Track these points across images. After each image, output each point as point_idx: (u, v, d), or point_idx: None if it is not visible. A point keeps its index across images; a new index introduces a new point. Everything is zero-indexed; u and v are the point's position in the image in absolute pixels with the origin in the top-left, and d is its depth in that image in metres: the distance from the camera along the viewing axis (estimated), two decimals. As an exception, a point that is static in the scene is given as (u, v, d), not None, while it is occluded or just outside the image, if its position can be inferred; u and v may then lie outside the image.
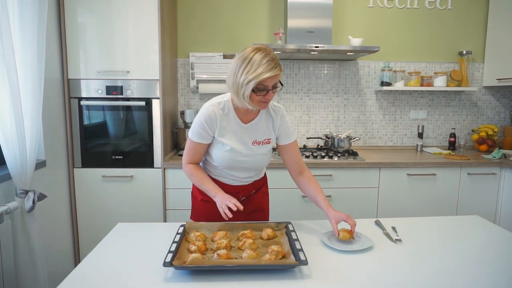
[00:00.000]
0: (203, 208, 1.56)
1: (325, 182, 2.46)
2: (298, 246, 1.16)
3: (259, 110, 1.47)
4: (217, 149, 1.45)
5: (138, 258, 1.18)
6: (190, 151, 1.48)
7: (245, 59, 1.28)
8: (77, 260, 2.47)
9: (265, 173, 1.67)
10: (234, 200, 1.34)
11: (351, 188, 2.49)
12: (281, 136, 1.52)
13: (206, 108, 1.41)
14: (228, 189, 1.51)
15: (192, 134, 1.44)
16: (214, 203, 1.51)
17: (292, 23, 2.65)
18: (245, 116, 1.45)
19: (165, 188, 2.44)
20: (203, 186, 1.46)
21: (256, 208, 1.60)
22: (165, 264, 1.05)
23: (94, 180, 2.41)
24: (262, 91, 1.30)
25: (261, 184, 1.64)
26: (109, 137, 2.43)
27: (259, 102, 1.33)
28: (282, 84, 1.35)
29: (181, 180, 2.43)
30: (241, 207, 1.32)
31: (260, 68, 1.25)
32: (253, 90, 1.28)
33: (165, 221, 2.46)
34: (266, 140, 1.48)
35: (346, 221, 1.33)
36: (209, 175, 1.54)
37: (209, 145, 1.48)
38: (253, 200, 1.59)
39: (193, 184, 1.62)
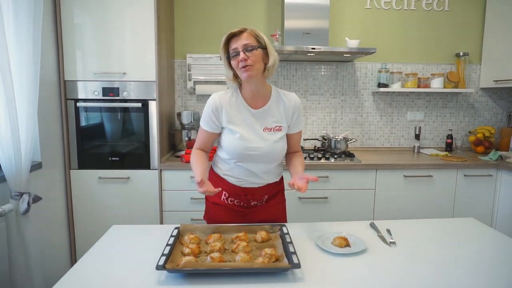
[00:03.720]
0: (212, 210, 1.55)
1: (321, 184, 2.46)
2: (291, 249, 1.16)
3: (269, 97, 1.47)
4: (227, 138, 1.44)
5: (132, 260, 1.18)
6: (199, 137, 1.52)
7: None
8: (73, 262, 2.46)
9: (282, 178, 1.61)
10: (207, 189, 1.27)
11: (348, 190, 2.49)
12: (291, 126, 1.50)
13: (212, 97, 1.46)
14: (237, 190, 1.49)
15: (202, 121, 1.49)
16: (224, 207, 1.51)
17: (289, 24, 2.65)
18: (254, 102, 1.45)
19: (161, 190, 2.44)
20: (193, 170, 1.42)
21: (268, 217, 1.52)
22: (158, 267, 1.05)
23: (91, 181, 2.41)
24: (235, 56, 1.35)
25: (276, 191, 1.57)
26: (106, 138, 2.43)
27: (239, 70, 1.37)
28: (258, 47, 1.36)
29: (178, 182, 2.43)
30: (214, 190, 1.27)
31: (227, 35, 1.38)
32: (228, 59, 1.38)
33: (161, 222, 2.46)
34: (277, 127, 1.46)
35: (302, 179, 1.32)
36: (217, 174, 1.53)
37: (219, 136, 1.49)
38: (266, 208, 1.54)
39: None
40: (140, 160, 2.43)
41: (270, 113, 1.46)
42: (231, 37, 1.37)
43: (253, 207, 1.53)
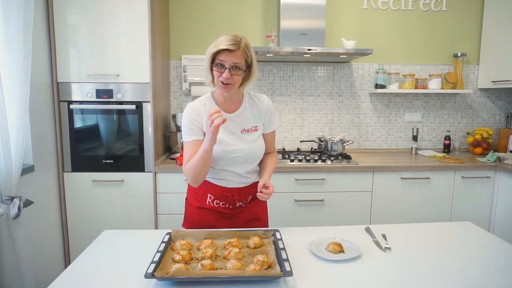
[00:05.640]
0: (197, 215, 1.53)
1: (317, 186, 2.44)
2: (284, 256, 1.13)
3: (242, 100, 1.50)
4: None
5: (122, 267, 1.15)
6: (187, 153, 1.43)
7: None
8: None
9: None
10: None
11: (344, 192, 2.46)
12: (265, 125, 1.55)
13: (188, 106, 1.48)
14: (223, 191, 1.49)
15: (184, 136, 1.46)
16: (209, 210, 1.50)
17: (285, 24, 2.63)
18: (228, 107, 1.48)
19: (156, 193, 2.41)
20: (200, 153, 1.34)
21: (252, 217, 1.56)
22: (147, 276, 1.02)
23: (85, 184, 2.38)
24: (220, 68, 1.35)
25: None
26: (100, 140, 2.40)
27: (218, 81, 1.37)
28: (244, 70, 1.38)
29: (173, 185, 2.40)
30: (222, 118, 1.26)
31: (219, 41, 1.36)
32: (212, 65, 1.36)
33: (156, 225, 2.43)
34: (254, 128, 1.50)
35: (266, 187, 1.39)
36: (205, 179, 1.50)
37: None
38: (249, 208, 1.55)
39: (187, 191, 1.59)
40: (135, 163, 2.40)
41: (246, 115, 1.49)
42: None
43: (238, 208, 1.53)
